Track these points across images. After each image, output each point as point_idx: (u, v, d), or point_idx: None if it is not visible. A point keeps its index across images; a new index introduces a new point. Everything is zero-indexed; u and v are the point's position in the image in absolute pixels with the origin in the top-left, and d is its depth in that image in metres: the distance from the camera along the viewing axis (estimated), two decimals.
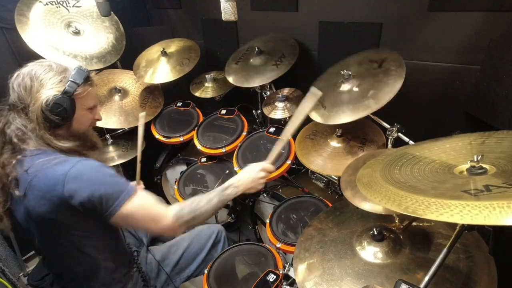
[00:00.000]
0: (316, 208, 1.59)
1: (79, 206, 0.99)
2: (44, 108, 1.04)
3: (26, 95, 1.05)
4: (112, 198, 1.01)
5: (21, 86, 1.05)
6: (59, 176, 0.98)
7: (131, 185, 1.07)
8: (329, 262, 1.09)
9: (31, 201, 1.01)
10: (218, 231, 1.60)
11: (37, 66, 1.08)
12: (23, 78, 1.06)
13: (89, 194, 0.98)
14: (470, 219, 0.57)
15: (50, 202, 0.99)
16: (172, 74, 2.07)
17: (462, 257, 0.97)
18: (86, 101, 1.14)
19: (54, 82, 1.06)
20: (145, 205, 1.08)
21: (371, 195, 0.80)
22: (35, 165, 1.01)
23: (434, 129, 1.65)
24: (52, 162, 1.02)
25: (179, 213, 1.10)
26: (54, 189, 0.97)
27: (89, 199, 0.99)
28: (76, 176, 0.99)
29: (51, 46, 1.86)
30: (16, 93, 1.06)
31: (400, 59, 1.33)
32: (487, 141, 0.83)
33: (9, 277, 1.61)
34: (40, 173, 1.00)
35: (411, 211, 0.66)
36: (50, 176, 0.99)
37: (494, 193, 0.64)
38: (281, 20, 1.99)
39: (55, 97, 1.05)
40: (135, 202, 1.04)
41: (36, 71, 1.07)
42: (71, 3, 2.01)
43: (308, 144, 1.60)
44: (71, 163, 1.01)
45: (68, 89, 1.07)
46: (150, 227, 1.11)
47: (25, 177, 1.01)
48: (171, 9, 2.56)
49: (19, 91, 1.05)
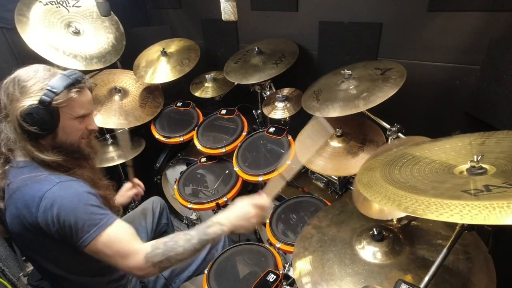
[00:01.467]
0: (316, 208, 1.59)
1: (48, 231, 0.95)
2: (19, 119, 0.96)
3: (8, 103, 0.98)
4: (82, 230, 0.94)
5: (5, 93, 0.98)
6: (34, 198, 0.93)
7: (108, 217, 0.99)
8: (329, 261, 1.09)
9: (8, 216, 0.98)
10: None
11: (23, 71, 1.00)
12: (7, 84, 0.99)
13: (59, 221, 0.93)
14: (470, 219, 0.57)
15: (23, 223, 0.96)
16: (172, 74, 2.07)
17: (462, 257, 0.97)
18: (72, 110, 1.04)
19: (34, 90, 0.97)
20: (117, 240, 0.98)
21: (371, 195, 0.80)
22: (17, 180, 0.97)
23: (434, 129, 1.64)
24: (33, 179, 0.96)
25: (151, 253, 0.98)
26: (27, 211, 0.94)
27: (59, 227, 0.94)
28: (50, 201, 0.93)
29: (51, 46, 1.86)
30: (2, 100, 0.99)
31: (403, 71, 1.35)
32: (487, 141, 0.83)
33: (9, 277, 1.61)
34: (19, 190, 0.96)
35: (411, 211, 0.66)
36: (26, 196, 0.95)
37: (494, 193, 0.64)
38: (281, 20, 1.99)
39: (30, 107, 0.96)
40: (106, 236, 0.96)
41: (20, 77, 0.99)
42: (71, 3, 2.01)
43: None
44: (50, 184, 0.96)
45: (43, 98, 0.97)
46: (119, 263, 0.99)
47: (7, 190, 0.98)
48: (171, 9, 2.56)
49: (3, 98, 0.99)
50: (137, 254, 0.98)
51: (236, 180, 1.83)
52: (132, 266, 0.98)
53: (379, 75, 1.40)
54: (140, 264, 0.97)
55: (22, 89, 0.97)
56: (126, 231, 1.01)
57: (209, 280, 1.36)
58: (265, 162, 1.74)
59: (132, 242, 1.00)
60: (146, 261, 0.97)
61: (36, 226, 0.94)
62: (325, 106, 1.44)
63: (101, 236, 0.95)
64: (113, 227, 0.97)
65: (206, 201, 1.77)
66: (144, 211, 1.71)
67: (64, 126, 1.04)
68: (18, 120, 0.96)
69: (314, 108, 1.48)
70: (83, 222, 0.94)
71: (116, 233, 0.98)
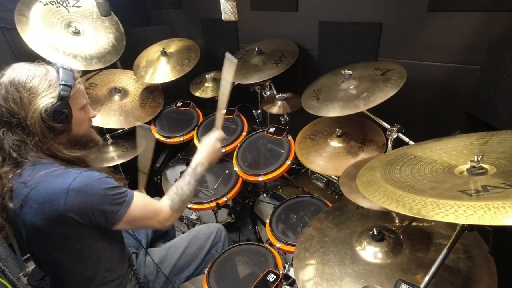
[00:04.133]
0: (316, 208, 1.59)
1: (80, 220, 0.98)
2: (45, 118, 0.99)
3: (18, 108, 0.97)
4: (113, 210, 1.03)
5: (8, 100, 0.97)
6: (60, 190, 0.95)
7: (129, 192, 1.09)
8: (329, 262, 1.09)
9: (28, 213, 0.98)
10: (218, 231, 1.59)
11: (16, 73, 0.99)
12: (7, 90, 0.97)
13: (91, 208, 0.98)
14: (464, 219, 0.58)
15: (49, 216, 0.97)
16: (172, 74, 2.07)
17: (462, 257, 0.97)
18: (79, 100, 1.09)
19: (44, 88, 0.99)
20: (144, 206, 1.14)
21: (369, 194, 0.81)
22: (35, 178, 0.98)
23: (434, 129, 1.65)
24: (52, 174, 0.98)
25: (172, 203, 1.20)
26: (54, 203, 0.95)
27: (91, 213, 0.99)
28: (77, 190, 0.96)
29: (51, 46, 1.86)
30: (3, 108, 0.97)
31: (403, 73, 1.35)
32: (489, 141, 0.83)
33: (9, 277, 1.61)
34: (39, 186, 0.97)
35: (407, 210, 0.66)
36: (50, 189, 0.96)
37: (491, 193, 0.64)
38: (281, 20, 1.99)
39: (53, 104, 0.99)
40: (134, 207, 1.07)
41: (19, 79, 0.98)
42: (71, 3, 2.01)
43: (308, 144, 1.60)
44: (72, 176, 0.98)
45: (63, 94, 1.01)
46: (153, 223, 1.18)
47: (23, 189, 0.98)
48: (171, 9, 2.56)
49: (7, 105, 0.97)
50: (163, 208, 1.18)
51: (236, 180, 1.83)
52: (164, 219, 1.18)
53: (379, 76, 1.40)
54: (169, 215, 1.18)
55: (30, 90, 0.98)
56: (145, 198, 1.18)
57: (209, 280, 1.36)
58: (265, 162, 1.74)
59: (154, 203, 1.19)
60: (172, 211, 1.19)
61: (64, 218, 0.96)
62: (325, 105, 1.44)
63: (131, 208, 1.06)
64: (136, 199, 1.09)
65: (206, 201, 1.77)
66: None
67: (75, 118, 1.08)
68: (42, 119, 0.98)
69: (314, 107, 1.48)
70: (113, 202, 1.03)
71: (141, 201, 1.12)
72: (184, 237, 1.57)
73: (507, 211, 0.54)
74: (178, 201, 1.22)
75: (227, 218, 2.15)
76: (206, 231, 1.58)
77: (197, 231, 1.60)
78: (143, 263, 1.44)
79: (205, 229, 1.60)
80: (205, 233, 1.57)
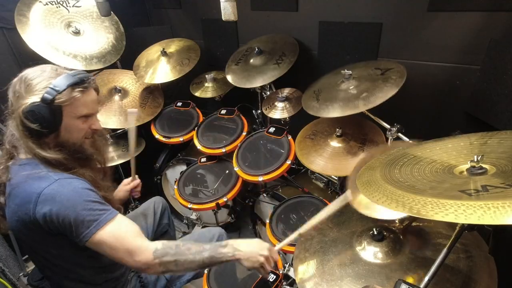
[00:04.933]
0: (316, 208, 1.59)
1: (46, 228, 0.95)
2: (22, 116, 0.97)
3: (14, 100, 1.00)
4: (82, 226, 0.95)
5: (12, 90, 1.00)
6: (32, 194, 0.94)
7: (108, 212, 1.00)
8: (329, 262, 1.09)
9: (8, 212, 0.99)
10: (219, 235, 1.58)
11: (31, 70, 1.02)
12: (15, 82, 1.01)
13: (58, 218, 0.94)
14: (464, 218, 0.58)
15: (21, 220, 0.96)
16: (172, 74, 2.07)
17: (462, 256, 0.97)
18: (75, 109, 1.03)
19: (39, 88, 0.98)
20: (120, 236, 0.99)
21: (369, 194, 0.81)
22: (17, 177, 0.98)
23: (434, 129, 1.65)
24: (32, 176, 0.97)
25: (162, 251, 1.00)
26: (25, 207, 0.94)
27: (58, 223, 0.94)
28: (48, 197, 0.93)
29: (51, 46, 1.86)
30: (9, 98, 1.02)
31: (403, 72, 1.34)
32: (489, 141, 0.83)
33: (9, 277, 1.61)
34: (18, 187, 0.97)
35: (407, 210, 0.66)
36: (25, 192, 0.95)
37: (491, 193, 0.64)
38: (281, 20, 1.99)
39: (32, 104, 0.96)
40: (106, 232, 0.96)
41: (27, 75, 1.00)
42: (71, 3, 2.01)
43: (308, 144, 1.61)
44: (48, 181, 0.96)
45: (45, 96, 0.97)
46: (125, 259, 0.99)
47: (8, 186, 0.99)
48: (171, 9, 2.56)
49: (11, 96, 1.01)
50: (145, 250, 0.99)
51: (236, 180, 1.83)
52: (140, 261, 0.98)
53: (379, 75, 1.40)
54: (148, 261, 0.98)
55: (27, 87, 0.98)
56: (128, 227, 1.02)
57: (209, 280, 1.36)
58: (265, 162, 1.74)
59: (137, 238, 1.01)
60: (154, 258, 0.99)
61: (35, 222, 0.94)
62: (324, 106, 1.44)
63: (103, 231, 0.95)
64: (115, 222, 0.98)
65: (206, 201, 1.77)
66: (145, 211, 1.71)
67: (67, 125, 1.04)
68: (20, 117, 0.97)
69: (314, 108, 1.48)
70: (83, 217, 0.94)
71: (119, 228, 0.99)
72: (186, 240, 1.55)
73: (507, 211, 0.55)
74: (172, 255, 1.01)
75: (227, 218, 2.15)
76: (207, 235, 1.57)
77: (199, 235, 1.59)
78: None
79: (207, 233, 1.59)
80: (207, 237, 1.56)
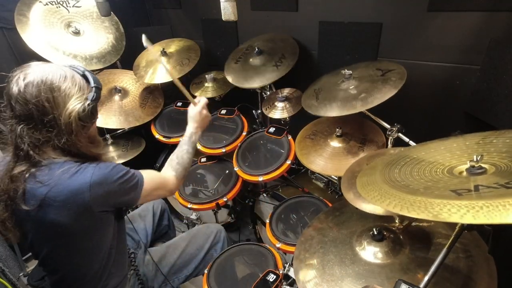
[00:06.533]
0: (316, 208, 1.59)
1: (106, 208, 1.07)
2: (82, 117, 1.03)
3: (51, 107, 0.99)
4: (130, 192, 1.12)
5: (40, 99, 0.97)
6: (82, 185, 0.99)
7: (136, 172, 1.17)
8: (329, 262, 1.09)
9: (49, 212, 0.99)
10: (217, 231, 1.59)
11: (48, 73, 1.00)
12: (39, 89, 0.97)
13: (114, 195, 1.07)
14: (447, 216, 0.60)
15: (74, 211, 1.00)
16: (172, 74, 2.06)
17: (462, 256, 0.97)
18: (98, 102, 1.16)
19: (76, 90, 1.04)
20: (153, 180, 1.23)
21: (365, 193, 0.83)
22: (53, 177, 0.99)
23: (434, 129, 1.65)
24: (69, 172, 1.01)
25: (176, 171, 1.34)
26: (78, 198, 0.99)
27: (115, 199, 1.08)
28: (98, 183, 1.01)
29: (51, 46, 1.86)
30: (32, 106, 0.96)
31: (403, 73, 1.34)
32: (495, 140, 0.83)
33: (9, 277, 1.61)
34: (59, 184, 0.99)
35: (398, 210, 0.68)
36: (71, 186, 0.99)
37: (480, 193, 0.65)
38: (281, 20, 1.99)
39: (89, 105, 1.06)
40: (146, 184, 1.17)
41: (51, 79, 1.00)
42: (71, 3, 2.02)
43: (308, 144, 1.61)
44: (90, 171, 1.02)
45: (97, 95, 1.09)
46: (162, 193, 1.31)
47: (39, 189, 0.99)
48: (171, 9, 2.56)
49: (39, 104, 0.97)
50: (170, 178, 1.32)
51: (236, 180, 1.83)
52: (172, 187, 1.32)
53: (379, 76, 1.40)
54: (175, 183, 1.33)
55: (65, 90, 1.02)
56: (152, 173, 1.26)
57: (209, 280, 1.36)
58: (265, 162, 1.74)
59: (161, 175, 1.31)
60: (177, 180, 1.33)
61: (89, 210, 1.02)
62: (323, 105, 1.44)
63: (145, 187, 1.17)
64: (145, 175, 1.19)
65: (206, 201, 1.77)
66: (143, 213, 1.72)
67: None
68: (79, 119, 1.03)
69: (313, 107, 1.49)
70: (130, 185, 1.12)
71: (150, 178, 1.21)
72: (183, 237, 1.57)
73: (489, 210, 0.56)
74: (181, 169, 1.35)
75: (227, 218, 2.15)
76: (206, 231, 1.58)
77: (197, 231, 1.60)
78: (142, 261, 1.45)
79: (205, 229, 1.60)
80: (205, 233, 1.57)
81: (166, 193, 1.35)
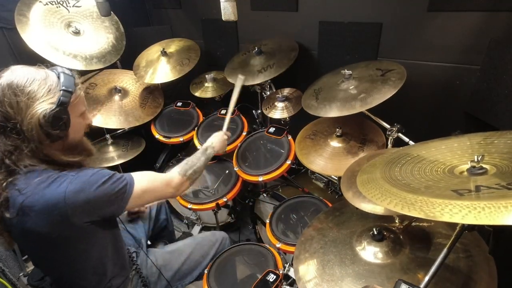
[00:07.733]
0: (316, 208, 1.59)
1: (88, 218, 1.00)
2: (43, 124, 0.95)
3: (14, 113, 0.93)
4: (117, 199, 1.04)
5: (4, 103, 0.92)
6: (57, 195, 0.94)
7: (127, 177, 1.09)
8: (329, 262, 1.09)
9: (27, 221, 0.97)
10: (223, 239, 1.58)
11: (15, 76, 0.95)
12: (4, 94, 0.93)
13: (96, 202, 0.99)
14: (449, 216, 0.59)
15: (50, 221, 0.96)
16: (172, 74, 2.07)
17: (462, 256, 0.97)
18: (78, 107, 1.06)
19: (43, 93, 0.95)
20: (149, 180, 1.16)
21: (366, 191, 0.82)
22: (29, 186, 0.96)
23: (434, 129, 1.65)
24: (47, 181, 0.97)
25: (182, 170, 1.28)
26: (54, 208, 0.95)
27: (98, 207, 1.01)
28: (75, 192, 0.96)
29: (51, 46, 1.85)
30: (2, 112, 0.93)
31: (403, 73, 1.34)
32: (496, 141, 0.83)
33: (9, 277, 1.61)
34: (35, 194, 0.95)
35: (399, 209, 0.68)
36: (46, 196, 0.95)
37: (482, 193, 0.65)
38: (281, 20, 1.99)
39: (52, 110, 0.95)
40: (137, 186, 1.09)
41: (17, 82, 0.94)
42: (71, 3, 2.01)
43: (308, 144, 1.60)
44: (67, 180, 0.97)
45: (63, 100, 0.98)
46: (166, 192, 1.24)
47: (18, 197, 0.96)
48: (171, 9, 2.56)
49: (3, 109, 0.93)
50: (173, 177, 1.25)
51: (236, 180, 1.83)
52: (176, 185, 1.24)
53: (379, 76, 1.40)
54: (180, 181, 1.26)
55: (29, 94, 0.94)
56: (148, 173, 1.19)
57: (209, 280, 1.36)
58: (265, 162, 1.74)
59: (162, 175, 1.24)
60: (182, 178, 1.27)
61: (67, 221, 0.97)
62: (323, 105, 1.45)
63: (136, 185, 1.09)
64: (136, 180, 1.10)
65: (206, 201, 1.77)
66: None
67: (73, 125, 1.05)
68: (40, 125, 0.95)
69: (312, 107, 1.49)
70: (113, 192, 1.03)
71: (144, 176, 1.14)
72: (189, 243, 1.55)
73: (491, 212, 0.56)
74: (189, 168, 1.30)
75: (227, 218, 2.15)
76: (211, 239, 1.56)
77: (202, 238, 1.58)
78: (145, 264, 1.43)
79: (211, 236, 1.58)
80: (211, 241, 1.55)
81: (167, 194, 1.25)
